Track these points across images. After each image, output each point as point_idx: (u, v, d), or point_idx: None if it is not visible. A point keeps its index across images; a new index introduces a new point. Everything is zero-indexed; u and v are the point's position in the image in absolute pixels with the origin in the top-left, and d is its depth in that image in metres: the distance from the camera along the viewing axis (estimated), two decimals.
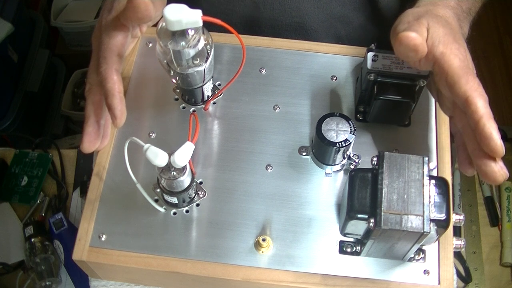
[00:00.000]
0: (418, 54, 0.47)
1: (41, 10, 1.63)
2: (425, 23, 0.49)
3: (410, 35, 0.46)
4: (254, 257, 0.52)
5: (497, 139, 0.44)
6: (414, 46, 0.46)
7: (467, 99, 0.46)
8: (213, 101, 0.61)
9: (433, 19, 0.49)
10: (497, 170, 0.45)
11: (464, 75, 0.46)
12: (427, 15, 0.50)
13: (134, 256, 0.53)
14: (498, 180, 0.46)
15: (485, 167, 0.46)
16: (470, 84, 0.46)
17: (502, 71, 1.76)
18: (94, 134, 0.54)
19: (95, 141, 0.55)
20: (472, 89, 0.46)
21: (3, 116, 1.33)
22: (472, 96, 0.45)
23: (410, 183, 0.47)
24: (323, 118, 0.53)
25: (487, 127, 0.44)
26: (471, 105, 0.45)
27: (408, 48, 0.47)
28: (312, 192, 0.55)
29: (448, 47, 0.47)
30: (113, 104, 0.51)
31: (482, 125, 0.45)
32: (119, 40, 0.54)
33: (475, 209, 0.79)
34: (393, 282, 0.51)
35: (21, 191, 0.81)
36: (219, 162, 0.57)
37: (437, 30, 0.48)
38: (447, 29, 0.49)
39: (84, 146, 0.54)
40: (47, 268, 0.73)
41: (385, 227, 0.45)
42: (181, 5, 0.46)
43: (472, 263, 0.75)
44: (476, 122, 0.45)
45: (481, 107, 0.45)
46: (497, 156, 0.45)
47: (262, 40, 0.64)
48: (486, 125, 0.44)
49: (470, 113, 0.46)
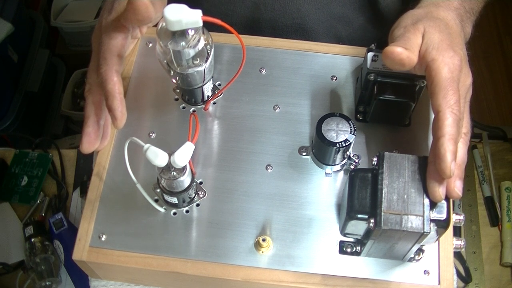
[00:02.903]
0: (404, 67, 0.47)
1: (41, 10, 1.63)
2: (421, 29, 0.49)
3: (395, 50, 0.46)
4: (254, 257, 0.52)
5: (447, 162, 0.44)
6: (400, 61, 0.47)
7: (437, 114, 0.46)
8: (213, 101, 0.61)
9: (430, 23, 0.49)
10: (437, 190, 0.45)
11: (445, 89, 0.46)
12: (426, 18, 0.50)
13: (134, 256, 0.53)
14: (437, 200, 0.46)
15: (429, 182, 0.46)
16: (447, 99, 0.46)
17: (502, 71, 1.76)
18: (93, 134, 0.54)
19: (94, 141, 0.55)
20: (446, 105, 0.46)
21: (3, 116, 1.33)
22: (443, 112, 0.45)
23: (410, 183, 0.47)
24: (323, 118, 0.53)
25: (443, 147, 0.44)
26: (438, 120, 0.46)
27: (394, 62, 0.47)
28: (312, 192, 0.55)
29: (441, 54, 0.47)
30: (113, 105, 0.51)
31: (440, 144, 0.45)
32: (119, 41, 0.54)
33: (475, 209, 0.79)
34: (393, 282, 0.51)
35: (21, 191, 0.81)
36: (219, 162, 0.57)
37: (432, 35, 0.48)
38: (444, 34, 0.49)
39: (83, 147, 0.54)
40: (47, 268, 0.73)
41: (385, 227, 0.45)
42: (181, 5, 0.46)
43: (472, 263, 0.75)
44: (436, 139, 0.45)
45: (447, 126, 0.45)
46: (444, 177, 0.45)
47: (262, 40, 0.64)
48: (443, 145, 0.45)
49: (435, 128, 0.46)
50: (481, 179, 0.82)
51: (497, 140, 0.86)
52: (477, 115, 1.51)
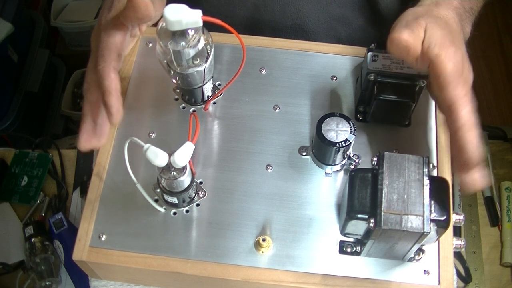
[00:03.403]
0: (409, 55, 0.47)
1: (41, 10, 1.63)
2: (423, 24, 0.49)
3: (401, 36, 0.46)
4: (254, 257, 0.52)
5: (472, 151, 0.44)
6: (406, 47, 0.47)
7: (451, 107, 0.46)
8: (213, 101, 0.61)
9: (432, 20, 0.49)
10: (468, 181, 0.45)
11: (454, 81, 0.46)
12: (427, 15, 0.50)
13: (134, 256, 0.53)
14: (469, 191, 0.46)
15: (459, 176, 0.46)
16: (458, 91, 0.46)
17: (502, 71, 1.76)
18: (90, 132, 0.54)
19: (91, 139, 0.54)
20: (458, 97, 0.46)
21: (3, 116, 1.33)
22: (457, 104, 0.45)
23: (410, 183, 0.47)
24: (323, 118, 0.53)
25: (464, 138, 0.44)
26: (453, 113, 0.46)
27: (400, 49, 0.47)
28: (312, 192, 0.55)
29: (444, 50, 0.47)
30: (109, 102, 0.51)
31: (460, 136, 0.45)
32: (118, 39, 0.54)
33: (475, 209, 0.79)
34: (393, 282, 0.51)
35: (21, 191, 0.81)
36: (219, 162, 0.57)
37: (434, 31, 0.48)
38: (445, 31, 0.49)
39: (80, 144, 0.54)
40: (47, 268, 0.73)
41: (385, 227, 0.45)
42: (181, 5, 0.46)
43: (472, 263, 0.75)
44: (455, 131, 0.45)
45: (463, 116, 0.45)
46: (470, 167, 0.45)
47: (262, 40, 0.64)
48: (463, 135, 0.45)
49: (451, 120, 0.46)
50: None
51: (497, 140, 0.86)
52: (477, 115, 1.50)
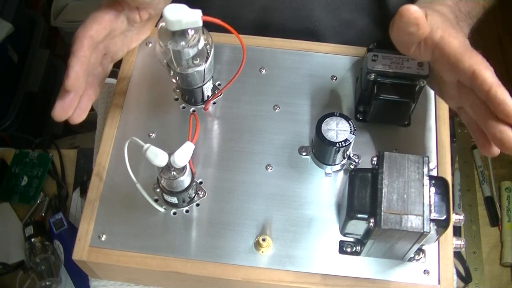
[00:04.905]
0: (419, 30, 0.46)
1: (41, 10, 1.63)
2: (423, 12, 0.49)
3: (411, 8, 0.46)
4: (254, 257, 0.52)
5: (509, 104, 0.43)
6: (416, 19, 0.46)
7: (474, 73, 0.45)
8: (213, 101, 0.61)
9: (430, 11, 0.49)
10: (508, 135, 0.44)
11: (466, 52, 0.46)
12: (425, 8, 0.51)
13: (134, 256, 0.53)
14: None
15: (500, 135, 0.44)
16: (474, 59, 0.45)
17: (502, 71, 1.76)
18: (68, 101, 0.52)
19: (68, 108, 0.52)
20: (478, 63, 0.45)
21: (3, 116, 1.33)
22: (479, 69, 0.45)
23: (410, 183, 0.47)
24: (323, 118, 0.53)
25: (499, 93, 0.44)
26: (478, 77, 0.45)
27: (410, 22, 0.46)
28: (312, 192, 0.55)
29: (447, 32, 0.47)
30: (70, 62, 0.50)
31: (494, 93, 0.44)
32: (108, 14, 0.54)
33: (475, 209, 0.79)
34: (393, 282, 0.51)
35: (21, 191, 0.81)
36: (219, 162, 0.57)
37: (435, 17, 0.48)
38: (444, 18, 0.49)
39: (55, 112, 0.52)
40: (47, 268, 0.73)
41: (385, 227, 0.45)
42: (181, 5, 0.46)
43: (472, 263, 0.75)
44: (487, 92, 0.44)
45: (489, 77, 0.44)
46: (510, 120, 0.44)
47: (262, 40, 0.64)
48: (498, 92, 0.44)
49: (479, 85, 0.45)
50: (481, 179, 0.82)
51: None
52: None
